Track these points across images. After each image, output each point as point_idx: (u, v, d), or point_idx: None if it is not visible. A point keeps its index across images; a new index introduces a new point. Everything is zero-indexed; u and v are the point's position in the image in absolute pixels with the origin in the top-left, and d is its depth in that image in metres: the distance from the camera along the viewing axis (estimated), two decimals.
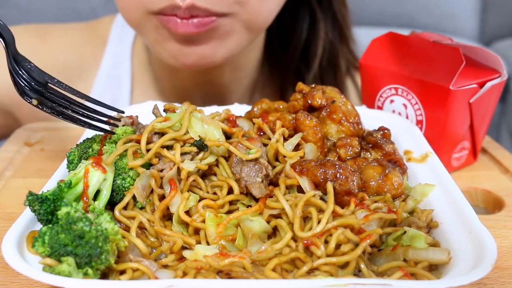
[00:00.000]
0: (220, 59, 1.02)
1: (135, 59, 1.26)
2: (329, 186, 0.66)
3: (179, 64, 1.02)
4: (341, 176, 0.67)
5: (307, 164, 0.69)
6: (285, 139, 0.74)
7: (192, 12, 0.92)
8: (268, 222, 0.65)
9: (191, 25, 0.93)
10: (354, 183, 0.68)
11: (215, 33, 0.97)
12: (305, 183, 0.67)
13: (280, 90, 1.30)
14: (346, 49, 1.27)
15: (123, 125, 0.77)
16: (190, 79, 1.19)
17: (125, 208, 0.67)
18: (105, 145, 0.71)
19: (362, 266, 0.59)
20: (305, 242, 0.60)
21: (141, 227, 0.66)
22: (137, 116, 0.80)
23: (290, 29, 1.24)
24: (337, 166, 0.68)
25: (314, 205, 0.64)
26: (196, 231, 0.66)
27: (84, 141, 0.74)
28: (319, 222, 0.62)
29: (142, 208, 0.67)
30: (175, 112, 0.73)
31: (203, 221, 0.65)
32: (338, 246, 0.60)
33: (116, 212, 0.65)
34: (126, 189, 0.67)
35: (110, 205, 0.67)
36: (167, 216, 0.68)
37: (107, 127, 0.77)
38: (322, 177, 0.67)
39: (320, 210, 0.64)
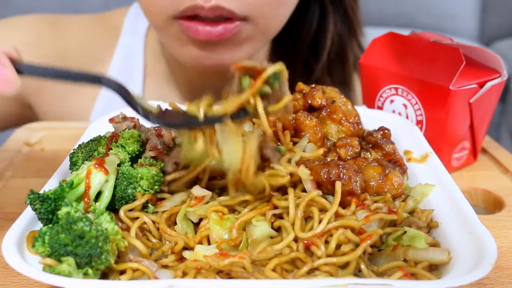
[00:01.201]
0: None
1: (147, 51, 1.27)
2: (338, 186, 0.66)
3: (198, 67, 1.04)
4: (344, 176, 0.67)
5: (310, 163, 0.69)
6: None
7: (216, 12, 0.93)
8: (272, 222, 0.65)
9: (214, 33, 0.95)
10: (357, 183, 0.68)
11: (235, 38, 0.99)
12: (307, 182, 0.67)
13: (289, 81, 1.31)
14: (355, 43, 1.28)
15: (125, 129, 0.76)
16: (202, 71, 1.20)
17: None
18: (111, 149, 0.71)
19: (363, 266, 0.59)
20: (306, 242, 0.60)
21: (143, 228, 0.66)
22: (138, 119, 0.79)
23: (300, 21, 1.25)
24: (340, 166, 0.68)
25: (317, 204, 0.64)
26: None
27: (88, 142, 0.74)
28: (320, 221, 0.62)
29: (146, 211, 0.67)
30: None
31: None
32: (338, 246, 0.60)
33: (121, 212, 0.65)
34: (135, 198, 0.67)
35: (112, 210, 0.66)
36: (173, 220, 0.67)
37: None
38: (325, 177, 0.67)
39: (321, 210, 0.64)
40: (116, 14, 1.31)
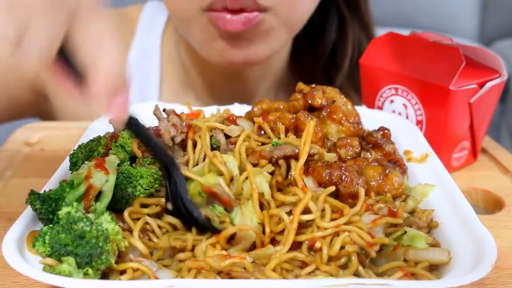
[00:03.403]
0: (263, 57, 1.07)
1: (164, 52, 1.26)
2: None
3: (225, 62, 1.05)
4: (346, 179, 0.67)
5: (313, 164, 0.69)
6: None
7: (241, 3, 0.95)
8: None
9: (240, 22, 0.96)
10: (359, 186, 0.68)
11: (259, 30, 1.00)
12: (309, 182, 0.67)
13: None
14: None
15: (124, 129, 0.76)
16: (220, 73, 1.20)
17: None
18: (111, 149, 0.71)
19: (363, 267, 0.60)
20: (307, 242, 0.60)
21: (144, 229, 0.65)
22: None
23: (319, 29, 1.25)
24: (343, 168, 0.68)
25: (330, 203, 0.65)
26: None
27: (88, 143, 0.73)
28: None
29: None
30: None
31: None
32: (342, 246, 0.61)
33: (126, 214, 0.65)
34: (136, 197, 0.66)
35: (112, 210, 0.66)
36: None
37: None
38: (327, 178, 0.67)
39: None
40: (131, 12, 1.29)
